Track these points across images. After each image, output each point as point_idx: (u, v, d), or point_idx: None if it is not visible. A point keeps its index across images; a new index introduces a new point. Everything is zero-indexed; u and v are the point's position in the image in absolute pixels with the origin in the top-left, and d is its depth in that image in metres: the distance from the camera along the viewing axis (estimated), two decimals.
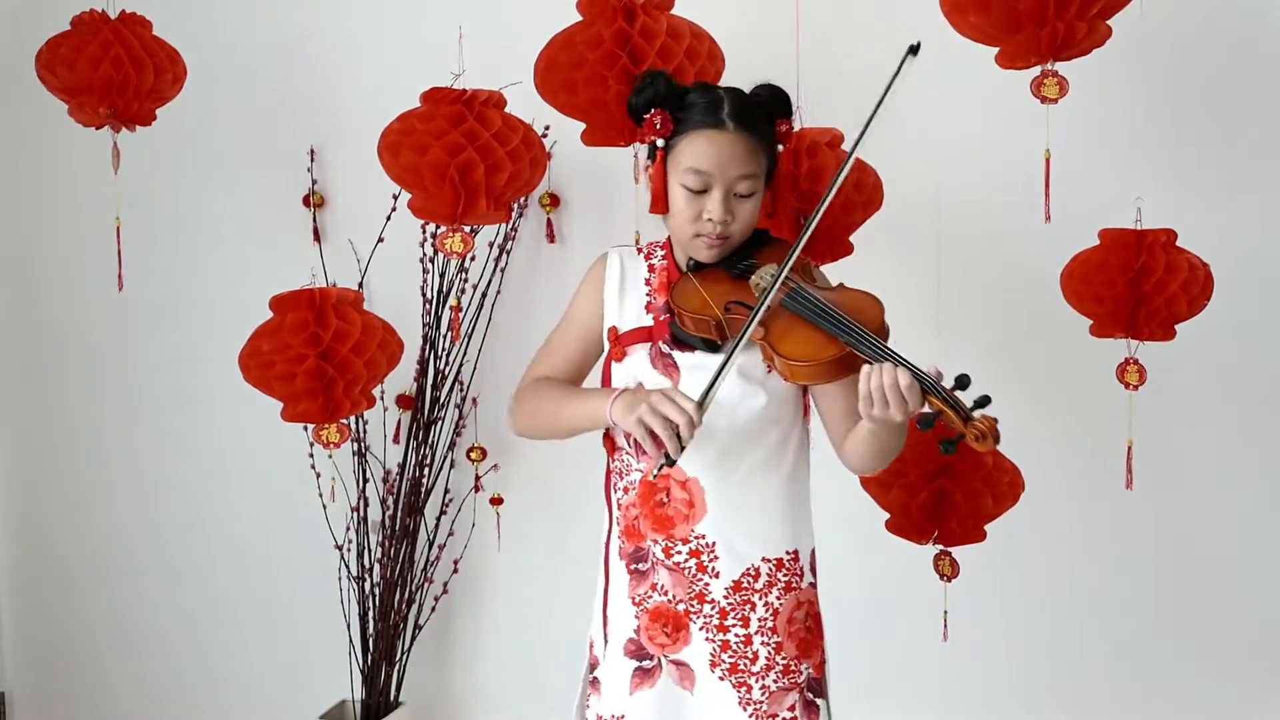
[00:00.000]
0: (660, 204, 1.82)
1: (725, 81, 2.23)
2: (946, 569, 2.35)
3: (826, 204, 1.81)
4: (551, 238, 2.95)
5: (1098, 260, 2.32)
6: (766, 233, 1.91)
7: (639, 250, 1.95)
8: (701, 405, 1.68)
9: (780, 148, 1.86)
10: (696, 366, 1.81)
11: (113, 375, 3.26)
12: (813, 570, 1.92)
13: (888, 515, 2.36)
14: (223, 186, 3.14)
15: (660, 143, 1.81)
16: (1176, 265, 2.27)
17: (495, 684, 3.11)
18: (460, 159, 2.11)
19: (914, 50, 1.78)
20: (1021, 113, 2.25)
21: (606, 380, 1.93)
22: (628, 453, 1.87)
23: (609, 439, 1.91)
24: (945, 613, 2.44)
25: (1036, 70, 2.10)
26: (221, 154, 3.12)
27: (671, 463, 1.69)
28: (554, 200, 2.93)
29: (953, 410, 1.56)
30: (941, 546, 2.34)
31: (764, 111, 1.83)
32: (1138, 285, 2.28)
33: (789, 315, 1.73)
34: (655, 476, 1.77)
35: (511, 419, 1.99)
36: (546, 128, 2.56)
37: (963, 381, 1.57)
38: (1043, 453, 2.60)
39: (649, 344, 1.85)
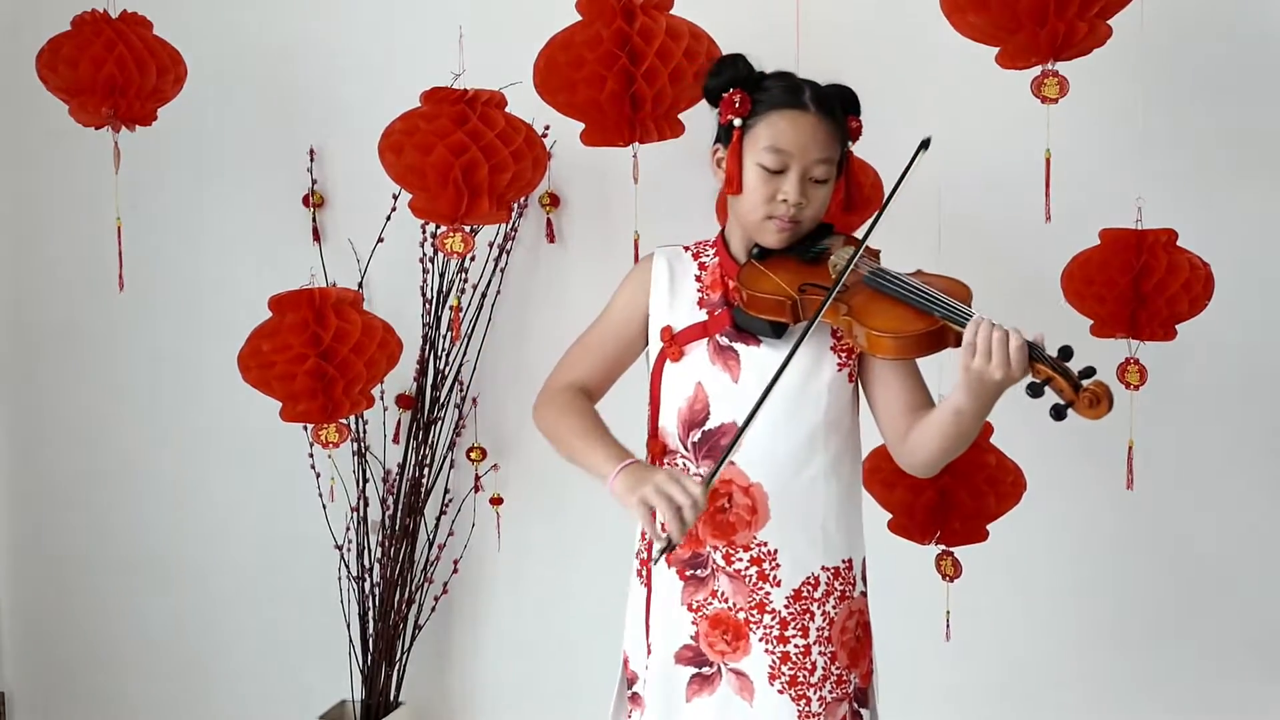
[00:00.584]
0: (735, 183, 1.79)
1: None
2: (949, 569, 2.35)
3: (897, 194, 1.77)
4: (551, 238, 2.95)
5: (1099, 260, 2.32)
6: (832, 226, 1.89)
7: (686, 249, 1.92)
8: (708, 485, 1.65)
9: (850, 144, 1.85)
10: (757, 362, 1.78)
11: (113, 375, 3.26)
12: (864, 579, 1.90)
13: (890, 516, 2.36)
14: (223, 186, 3.14)
15: (738, 122, 1.78)
16: (1178, 265, 2.27)
17: (495, 684, 3.11)
18: (464, 159, 2.11)
19: (925, 145, 1.78)
20: (1021, 113, 2.25)
21: (657, 382, 1.88)
22: (683, 455, 1.83)
23: (658, 441, 1.87)
24: (948, 613, 2.44)
25: (1037, 70, 2.10)
26: (221, 154, 3.12)
27: (673, 547, 1.65)
28: (554, 200, 2.93)
29: (1062, 376, 1.51)
30: (944, 547, 2.34)
31: (840, 102, 1.82)
32: (1139, 285, 2.28)
33: (871, 292, 1.71)
34: (657, 560, 1.74)
35: (535, 418, 1.92)
36: (546, 128, 2.56)
37: (1067, 352, 1.53)
38: (1043, 453, 2.60)
39: (706, 339, 1.82)
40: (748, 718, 1.80)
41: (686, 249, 1.92)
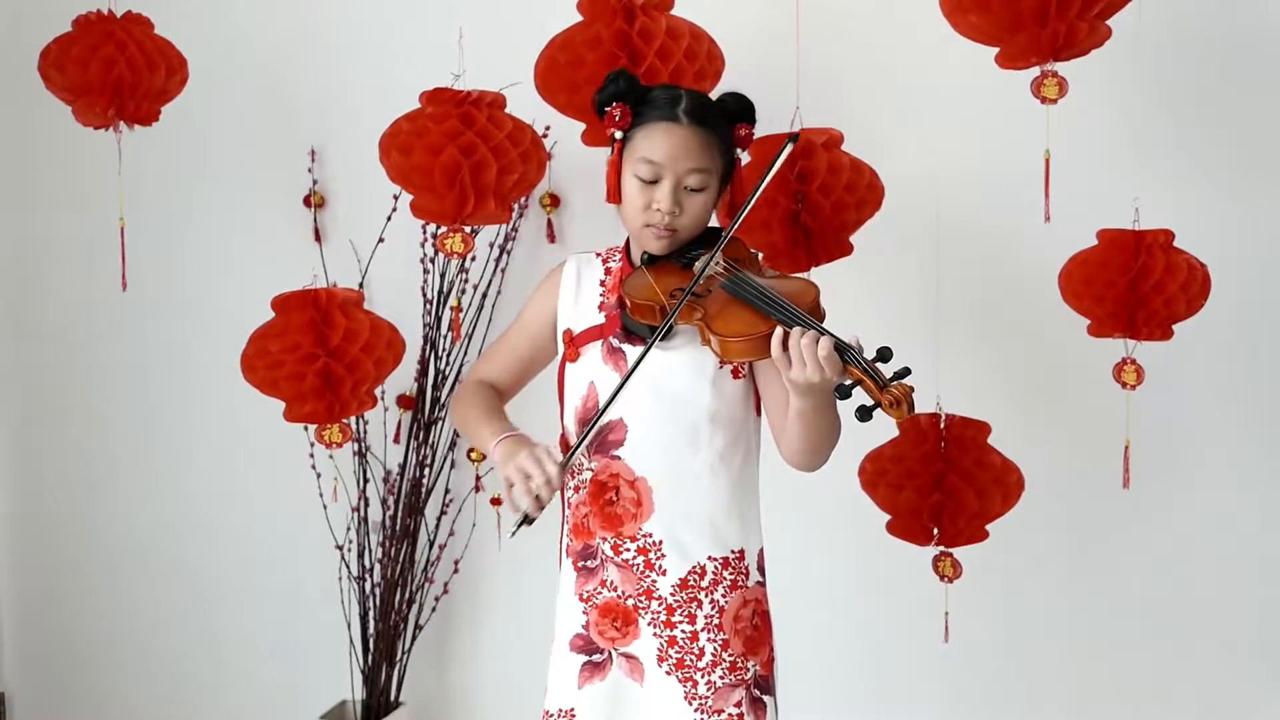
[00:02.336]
0: (614, 194, 1.86)
1: (726, 82, 2.24)
2: (948, 570, 2.36)
3: (757, 194, 1.82)
4: (552, 238, 2.96)
5: (1097, 260, 2.32)
6: (720, 230, 1.93)
7: (598, 255, 1.99)
8: (563, 466, 1.77)
9: (741, 151, 1.91)
10: (644, 363, 1.84)
11: (113, 375, 3.26)
12: (760, 569, 1.93)
13: (889, 518, 2.37)
14: (223, 186, 3.14)
15: (618, 135, 1.85)
16: (1175, 266, 2.28)
17: (495, 684, 3.11)
18: (474, 159, 2.13)
19: (794, 139, 1.85)
20: (1021, 113, 2.25)
21: (561, 384, 1.96)
22: (580, 452, 1.90)
23: (563, 439, 1.94)
24: (946, 614, 2.45)
25: (1036, 70, 2.11)
26: (222, 154, 3.13)
27: (528, 521, 1.77)
28: (554, 200, 2.94)
29: (871, 378, 1.58)
30: (942, 548, 2.34)
31: (724, 112, 1.87)
32: (1137, 286, 2.28)
33: (726, 297, 1.77)
34: (513, 535, 1.82)
35: (451, 407, 2.04)
36: (547, 128, 2.56)
37: (884, 354, 1.59)
38: (1040, 452, 2.61)
39: (600, 340, 1.89)
40: (639, 697, 1.87)
41: (598, 255, 2.00)
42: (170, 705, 3.28)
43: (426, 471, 2.98)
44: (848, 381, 1.61)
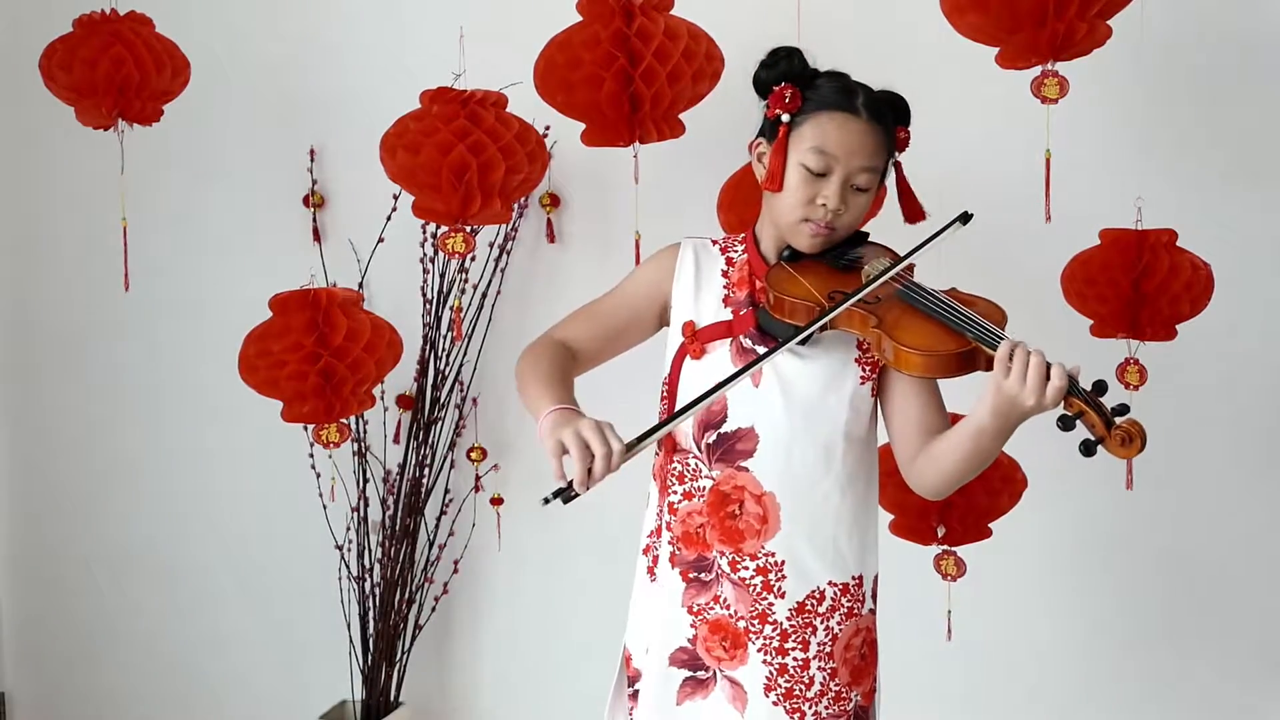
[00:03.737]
0: (776, 180, 1.73)
1: (726, 81, 2.24)
2: (951, 569, 2.35)
3: (951, 224, 1.77)
4: (552, 238, 2.95)
5: (1100, 261, 2.32)
6: (867, 235, 1.85)
7: (714, 243, 1.87)
8: (630, 449, 1.58)
9: (897, 155, 1.82)
10: (779, 368, 1.75)
11: (113, 375, 3.25)
12: (874, 596, 1.86)
13: (891, 518, 2.37)
14: (223, 186, 3.14)
15: (785, 118, 1.73)
16: (1179, 266, 2.27)
17: (495, 684, 3.11)
18: (483, 158, 2.12)
19: (965, 219, 1.77)
20: (1022, 113, 2.25)
21: (675, 377, 1.83)
22: (695, 455, 1.78)
23: (669, 438, 1.81)
24: (949, 612, 2.45)
25: (1037, 70, 2.10)
26: (222, 154, 3.12)
27: (570, 497, 1.57)
28: (554, 200, 2.93)
29: (1096, 412, 1.49)
30: (945, 547, 2.34)
31: (891, 111, 1.78)
32: (1141, 286, 2.28)
33: (903, 306, 1.67)
34: (545, 504, 1.61)
35: (518, 363, 1.83)
36: (547, 128, 2.56)
37: (1101, 387, 1.51)
38: (1042, 453, 2.59)
39: (730, 339, 1.78)
40: None
41: (714, 243, 1.87)
42: (170, 705, 3.28)
43: (426, 471, 2.98)
44: (1070, 413, 1.51)
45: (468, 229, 2.21)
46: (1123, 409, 1.51)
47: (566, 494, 1.57)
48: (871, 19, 2.75)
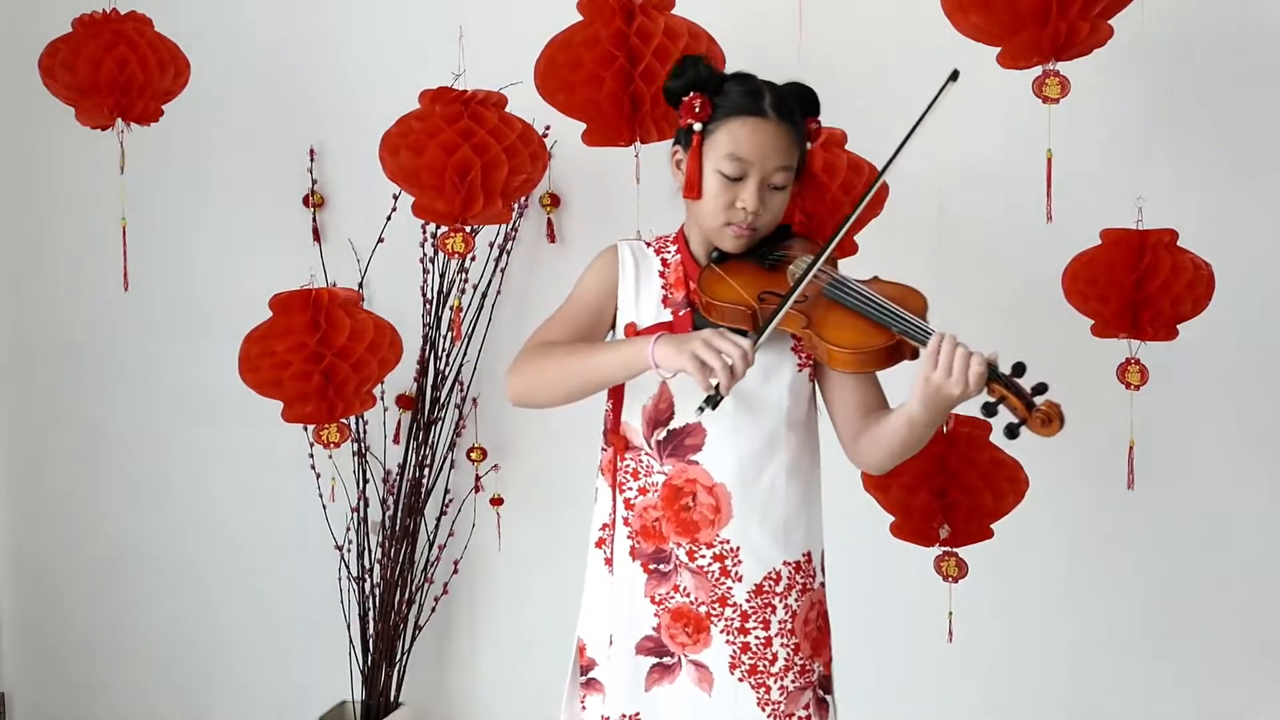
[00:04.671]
0: (694, 189, 1.79)
1: None
2: (952, 570, 2.35)
3: (864, 203, 1.79)
4: (552, 238, 2.95)
5: (1102, 261, 2.32)
6: (790, 227, 1.90)
7: (648, 245, 1.92)
8: (755, 343, 1.64)
9: (809, 145, 1.86)
10: None
11: (112, 376, 3.25)
12: (823, 569, 1.92)
13: (892, 520, 2.36)
14: (223, 186, 3.14)
15: (697, 127, 1.78)
16: (1181, 266, 2.27)
17: (495, 684, 3.11)
18: (487, 158, 2.12)
19: (954, 77, 1.77)
20: (1023, 112, 2.24)
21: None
22: (647, 453, 1.84)
23: (619, 436, 1.88)
24: (950, 614, 2.44)
25: (1038, 70, 2.10)
26: (222, 154, 3.12)
27: (718, 400, 1.61)
28: (554, 200, 2.93)
29: (1016, 395, 1.54)
30: (946, 548, 2.34)
31: (799, 106, 1.82)
32: (1143, 286, 2.28)
33: (830, 304, 1.72)
34: (700, 413, 1.65)
35: (509, 381, 1.85)
36: (547, 128, 2.56)
37: (1019, 369, 1.56)
38: (1043, 453, 2.59)
39: None
40: (705, 707, 1.84)
41: (648, 244, 1.92)
42: (170, 705, 3.28)
43: (426, 471, 2.98)
44: (993, 399, 1.57)
45: (468, 229, 2.21)
46: (1041, 388, 1.56)
47: (715, 399, 1.62)
48: (872, 19, 2.75)
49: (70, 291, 3.25)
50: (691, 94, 1.78)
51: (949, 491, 2.27)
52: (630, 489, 1.87)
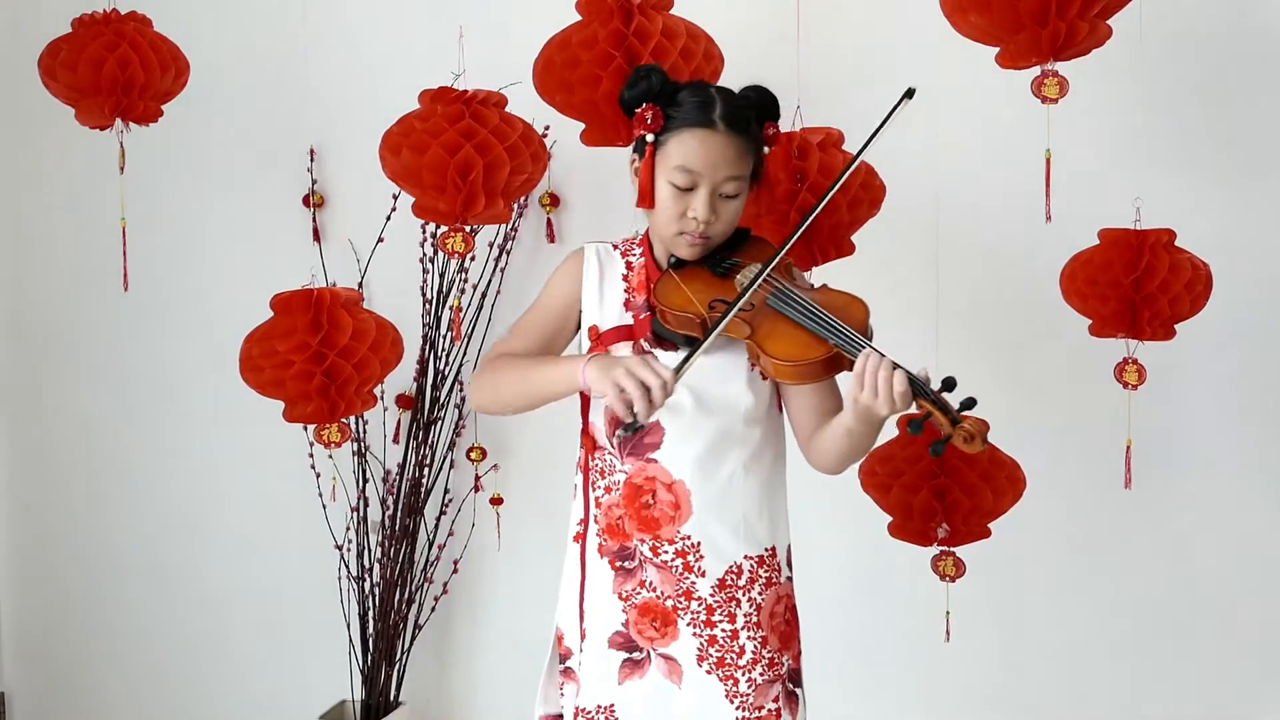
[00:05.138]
0: (647, 199, 1.83)
1: (726, 81, 2.23)
2: (949, 569, 2.35)
3: (816, 212, 1.83)
4: (551, 238, 2.95)
5: (1101, 261, 2.32)
6: (748, 232, 1.93)
7: (615, 247, 1.96)
8: (678, 372, 1.69)
9: (766, 150, 1.88)
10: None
11: (113, 375, 3.26)
12: (789, 564, 1.95)
13: (890, 520, 2.36)
14: (223, 186, 3.14)
15: (650, 138, 1.82)
16: (1180, 266, 2.27)
17: (495, 684, 3.11)
18: (489, 158, 2.13)
19: (910, 94, 1.82)
20: (1022, 113, 2.25)
21: None
22: (610, 452, 1.88)
23: (589, 436, 1.92)
24: (948, 613, 2.45)
25: (1037, 70, 2.10)
26: (222, 154, 3.12)
27: (637, 428, 1.69)
28: (554, 200, 2.93)
29: (941, 411, 1.57)
30: (943, 547, 2.34)
31: (754, 113, 1.85)
32: (1142, 286, 2.28)
33: (774, 314, 1.75)
34: (619, 438, 1.79)
35: (470, 392, 1.97)
36: (546, 128, 2.56)
37: (949, 384, 1.58)
38: (1041, 453, 2.60)
39: (630, 342, 1.87)
40: (676, 699, 1.86)
41: (615, 247, 1.96)
42: (170, 705, 3.28)
43: (426, 471, 2.98)
44: (919, 415, 1.59)
45: (467, 229, 2.21)
46: (969, 403, 1.58)
47: (635, 426, 1.68)
48: (871, 19, 2.75)
49: (71, 291, 3.26)
50: (644, 105, 1.82)
51: (950, 491, 2.27)
52: (598, 487, 1.91)
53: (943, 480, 2.27)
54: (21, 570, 3.36)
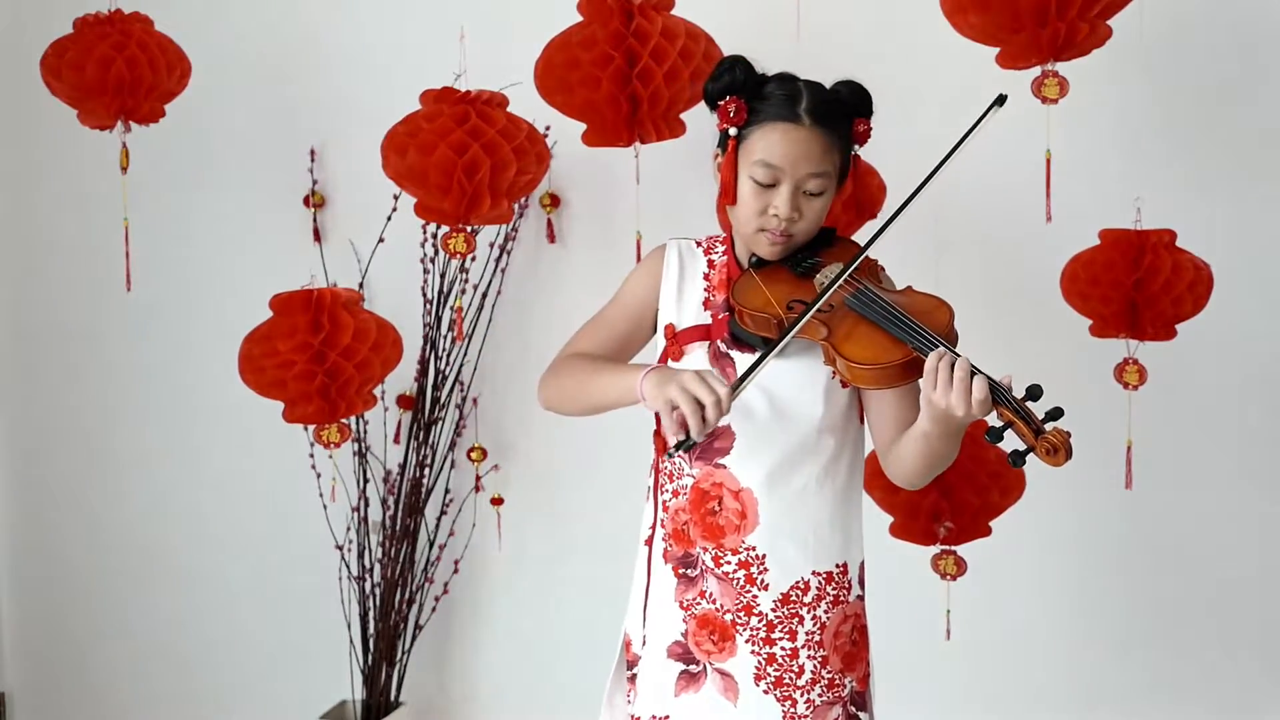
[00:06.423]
0: (729, 194, 1.77)
1: None
2: (950, 568, 2.35)
3: (901, 213, 1.76)
4: (552, 238, 2.95)
5: (1102, 261, 2.32)
6: (833, 231, 1.87)
7: (698, 244, 1.90)
8: (734, 390, 1.62)
9: (857, 148, 1.82)
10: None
11: (113, 375, 3.26)
12: (861, 583, 1.88)
13: (891, 519, 2.37)
14: (223, 186, 3.14)
15: (733, 131, 1.75)
16: (1181, 266, 2.28)
17: (495, 684, 3.11)
18: (496, 158, 2.13)
19: (1001, 101, 1.76)
20: (1022, 113, 2.25)
21: None
22: (679, 455, 1.82)
23: (660, 438, 1.85)
24: (948, 612, 2.45)
25: (1037, 70, 2.11)
26: (222, 154, 3.12)
27: (690, 445, 1.63)
28: (554, 200, 2.93)
29: (1024, 421, 1.49)
30: (944, 546, 2.34)
31: (843, 109, 1.78)
32: (1143, 286, 2.28)
33: (854, 316, 1.68)
34: (671, 456, 1.71)
35: (539, 390, 1.90)
36: (547, 128, 2.56)
37: (1034, 392, 1.51)
38: None
39: (707, 343, 1.81)
40: (730, 718, 1.79)
41: (699, 244, 1.90)
42: (170, 705, 3.28)
43: (426, 471, 2.98)
44: (999, 424, 1.51)
45: (469, 229, 2.21)
46: (1055, 413, 1.51)
47: (688, 444, 1.63)
48: (871, 19, 2.75)
49: (72, 291, 3.25)
50: (728, 98, 1.75)
51: (959, 491, 2.27)
52: (666, 490, 1.84)
53: (951, 479, 2.27)
54: (21, 570, 3.36)
